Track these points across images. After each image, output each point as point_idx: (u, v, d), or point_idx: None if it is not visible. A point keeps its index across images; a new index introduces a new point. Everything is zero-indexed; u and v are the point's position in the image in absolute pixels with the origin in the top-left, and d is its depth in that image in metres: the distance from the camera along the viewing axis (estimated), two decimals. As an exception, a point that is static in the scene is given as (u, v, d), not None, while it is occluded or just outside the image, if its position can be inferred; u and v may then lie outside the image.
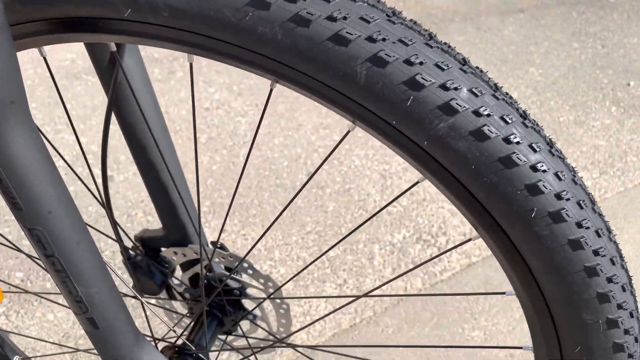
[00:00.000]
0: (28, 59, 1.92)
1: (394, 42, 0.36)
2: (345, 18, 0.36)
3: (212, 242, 0.67)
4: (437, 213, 1.55)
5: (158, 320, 1.19)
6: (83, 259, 0.48)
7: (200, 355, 0.62)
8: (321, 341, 1.20)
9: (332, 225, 1.48)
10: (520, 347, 0.51)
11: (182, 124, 1.80)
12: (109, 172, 1.55)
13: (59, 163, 1.38)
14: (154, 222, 1.45)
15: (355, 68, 0.37)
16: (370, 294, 0.54)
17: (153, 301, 0.70)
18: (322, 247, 1.42)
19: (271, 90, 0.46)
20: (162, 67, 2.05)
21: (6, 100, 0.40)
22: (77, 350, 0.78)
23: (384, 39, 0.36)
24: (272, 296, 0.61)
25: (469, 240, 0.47)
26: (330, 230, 1.47)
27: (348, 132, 0.44)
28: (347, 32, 0.36)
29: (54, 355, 1.10)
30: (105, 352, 0.54)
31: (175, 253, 0.65)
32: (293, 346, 0.66)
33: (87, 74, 1.88)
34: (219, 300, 0.65)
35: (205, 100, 1.88)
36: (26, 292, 0.72)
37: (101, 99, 1.81)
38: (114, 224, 0.62)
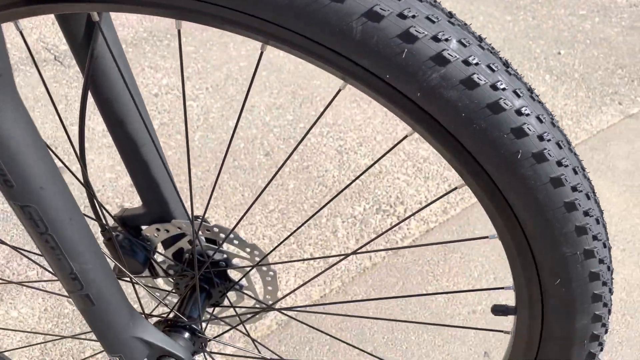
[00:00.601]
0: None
1: (386, -2, 0.38)
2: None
3: (196, 217, 0.67)
4: (393, 184, 1.59)
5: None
6: (76, 234, 0.48)
7: (193, 326, 0.62)
8: (293, 313, 1.22)
9: (294, 202, 1.50)
10: (502, 288, 0.55)
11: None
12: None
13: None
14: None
15: (351, 24, 0.38)
16: (358, 251, 0.56)
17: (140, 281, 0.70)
18: (286, 224, 1.44)
19: (261, 53, 0.46)
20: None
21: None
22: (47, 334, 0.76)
23: None
24: (259, 264, 0.63)
25: (455, 189, 0.50)
26: (292, 207, 1.48)
27: (339, 90, 0.46)
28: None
29: (26, 348, 1.07)
30: (101, 329, 0.53)
31: (158, 230, 0.65)
32: (285, 310, 0.67)
33: (25, 64, 1.78)
34: (206, 273, 0.65)
35: (154, 86, 1.83)
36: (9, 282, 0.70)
37: (42, 90, 1.73)
38: (95, 203, 0.61)
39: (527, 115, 0.41)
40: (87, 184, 0.59)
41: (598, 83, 2.21)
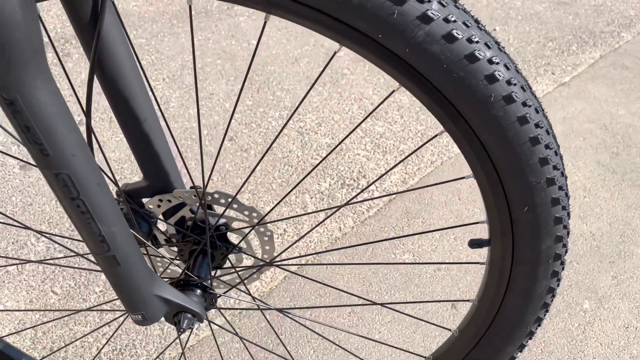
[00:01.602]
0: None
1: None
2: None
3: (191, 187, 0.72)
4: (354, 160, 1.68)
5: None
6: (103, 199, 0.52)
7: (204, 283, 0.67)
8: (275, 283, 1.28)
9: (263, 183, 1.55)
10: (477, 222, 0.63)
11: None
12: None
13: None
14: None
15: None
16: (350, 202, 0.62)
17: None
18: (257, 203, 1.49)
19: (265, 24, 0.52)
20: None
21: (30, 49, 0.43)
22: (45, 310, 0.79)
23: None
24: (259, 224, 0.68)
25: (436, 135, 0.57)
26: (262, 187, 1.54)
27: (335, 53, 0.52)
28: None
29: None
30: (125, 288, 0.58)
31: (161, 200, 0.69)
32: (283, 265, 0.73)
33: None
34: (203, 235, 0.71)
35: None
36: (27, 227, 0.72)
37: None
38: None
39: (497, 63, 0.49)
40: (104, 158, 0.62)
41: (532, 56, 2.37)
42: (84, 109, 0.59)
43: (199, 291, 0.68)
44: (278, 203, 0.66)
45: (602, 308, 1.31)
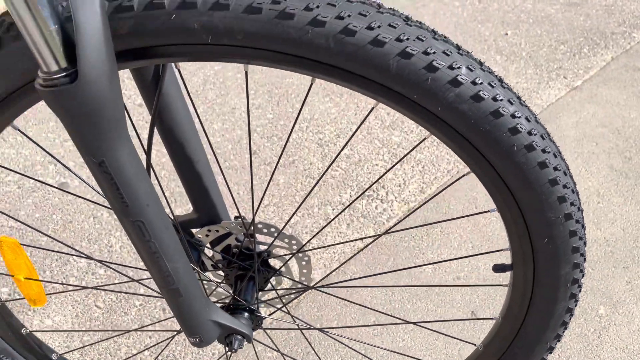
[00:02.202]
0: None
1: (414, 40, 0.51)
2: (379, 27, 0.50)
3: (235, 217, 0.79)
4: (373, 170, 1.74)
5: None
6: (170, 239, 0.59)
7: (252, 307, 0.74)
8: (328, 290, 1.35)
9: (287, 196, 1.62)
10: (502, 250, 0.69)
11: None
12: (62, 180, 1.55)
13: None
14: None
15: (389, 61, 0.51)
16: (389, 231, 0.69)
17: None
18: (282, 216, 1.56)
19: (310, 86, 0.58)
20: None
21: (114, 119, 0.50)
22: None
23: (407, 39, 0.51)
24: (298, 252, 0.75)
25: (464, 175, 0.63)
26: (285, 200, 1.60)
27: (372, 108, 0.58)
28: (382, 37, 0.50)
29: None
30: (186, 315, 0.65)
31: (209, 231, 0.76)
32: (323, 288, 0.80)
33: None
34: (251, 263, 0.77)
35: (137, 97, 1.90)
36: (84, 287, 0.79)
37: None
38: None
39: (519, 117, 0.55)
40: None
41: (544, 60, 2.41)
42: (146, 151, 0.66)
43: (246, 314, 0.75)
44: (316, 234, 0.72)
45: (617, 313, 1.37)
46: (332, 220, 0.75)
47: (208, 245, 0.79)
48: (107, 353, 1.18)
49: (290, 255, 0.77)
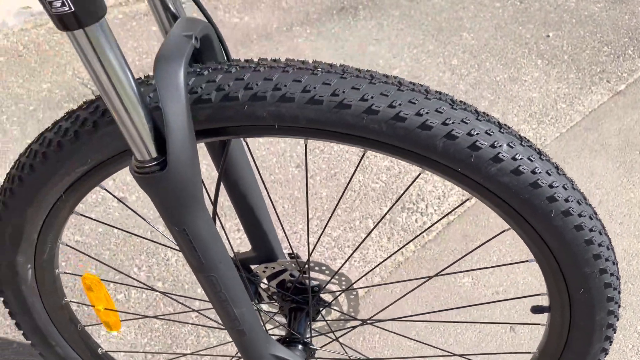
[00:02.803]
0: None
1: (459, 123, 0.56)
2: (427, 113, 0.56)
3: (289, 254, 0.86)
4: (413, 183, 1.79)
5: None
6: (237, 289, 0.67)
7: (306, 341, 0.82)
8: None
9: (329, 209, 1.69)
10: (539, 294, 0.74)
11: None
12: (121, 194, 1.66)
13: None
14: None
15: (436, 142, 0.56)
16: (440, 273, 0.75)
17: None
18: (326, 230, 1.63)
19: (362, 157, 0.64)
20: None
21: (194, 194, 0.57)
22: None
23: (452, 122, 0.56)
24: (349, 288, 0.82)
25: (504, 231, 0.68)
26: (328, 213, 1.67)
27: (419, 174, 0.64)
28: (429, 122, 0.56)
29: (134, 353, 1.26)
30: (249, 352, 0.73)
31: (266, 267, 0.84)
32: (374, 322, 0.86)
33: (68, 102, 1.94)
34: (304, 297, 0.84)
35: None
36: (145, 316, 0.89)
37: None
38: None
39: (557, 187, 0.60)
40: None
41: (587, 63, 2.39)
42: (213, 201, 0.74)
43: (300, 346, 0.82)
44: (365, 274, 0.79)
45: (655, 331, 1.39)
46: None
47: (264, 280, 0.87)
48: (167, 362, 1.28)
49: (340, 292, 0.84)
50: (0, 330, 1.30)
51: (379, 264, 1.08)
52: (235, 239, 1.57)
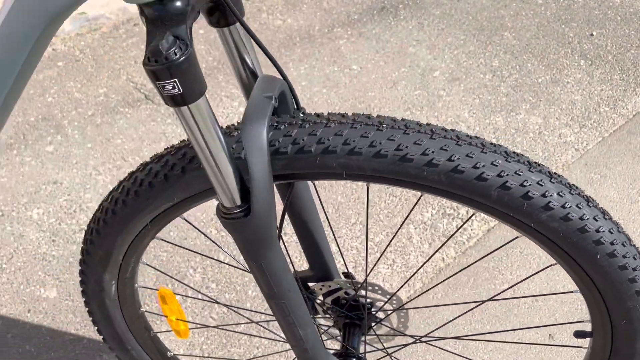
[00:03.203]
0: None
1: (512, 175, 0.61)
2: (483, 166, 0.61)
3: (343, 273, 0.93)
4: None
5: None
6: (303, 313, 0.74)
7: (360, 356, 0.89)
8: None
9: (371, 214, 1.75)
10: (583, 321, 0.79)
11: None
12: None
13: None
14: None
15: (491, 192, 0.62)
16: (494, 298, 0.82)
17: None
18: (369, 235, 1.69)
19: (418, 200, 0.70)
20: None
21: (270, 234, 0.64)
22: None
23: (507, 174, 0.61)
24: (405, 306, 0.88)
25: (550, 266, 0.74)
26: (370, 219, 1.74)
27: (472, 215, 0.70)
28: (485, 175, 0.61)
29: None
30: (312, 366, 0.81)
31: (323, 285, 0.91)
32: (427, 341, 0.92)
33: (124, 106, 2.04)
34: (358, 313, 0.92)
35: (234, 115, 2.08)
36: (206, 326, 0.97)
37: (144, 129, 1.98)
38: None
39: (603, 231, 0.65)
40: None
41: (631, 63, 2.36)
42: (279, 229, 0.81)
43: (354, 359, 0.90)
44: (416, 297, 0.85)
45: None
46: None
47: (320, 297, 0.94)
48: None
49: (392, 311, 0.90)
50: (71, 327, 1.42)
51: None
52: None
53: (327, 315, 0.95)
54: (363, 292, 0.92)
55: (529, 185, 0.61)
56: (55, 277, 1.50)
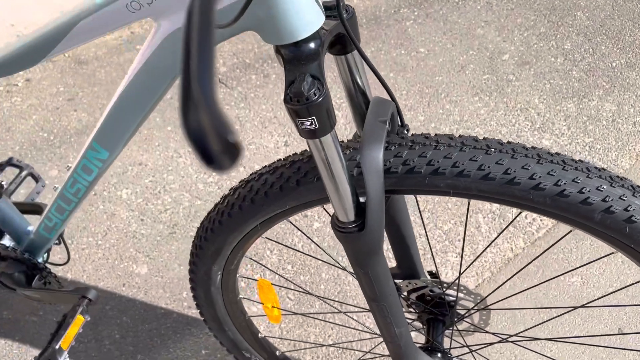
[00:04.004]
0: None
1: (617, 200, 0.64)
2: (589, 191, 0.64)
3: (429, 272, 0.99)
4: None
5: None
6: (400, 314, 0.80)
7: (445, 350, 0.95)
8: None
9: (440, 202, 1.78)
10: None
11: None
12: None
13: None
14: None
15: (594, 215, 0.65)
16: (588, 304, 0.86)
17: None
18: (436, 222, 1.73)
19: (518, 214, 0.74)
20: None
21: (380, 245, 0.70)
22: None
23: (611, 199, 0.64)
24: (490, 306, 0.93)
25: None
26: (439, 207, 1.77)
27: (569, 232, 0.73)
28: (590, 199, 0.64)
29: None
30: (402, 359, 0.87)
31: (409, 282, 0.97)
32: (519, 341, 0.97)
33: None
34: (441, 310, 0.97)
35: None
36: (294, 313, 1.06)
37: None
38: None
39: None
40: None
41: None
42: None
43: (439, 354, 0.96)
44: (506, 297, 0.89)
45: None
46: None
47: (405, 293, 1.00)
48: (300, 339, 1.47)
49: (476, 310, 0.95)
50: (162, 301, 1.54)
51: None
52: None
53: (411, 310, 1.01)
54: (448, 292, 0.97)
55: (633, 210, 0.64)
56: (146, 254, 1.63)
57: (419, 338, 1.09)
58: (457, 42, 2.35)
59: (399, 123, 0.75)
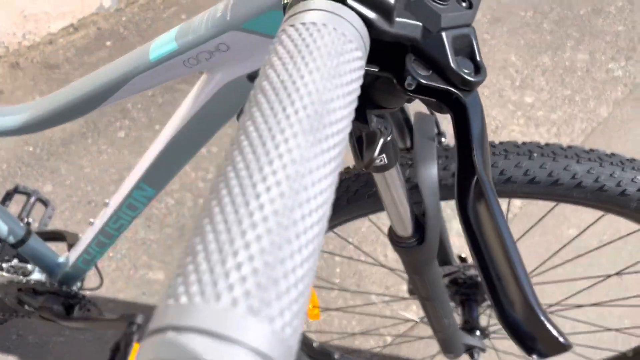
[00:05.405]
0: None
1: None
2: (625, 183, 0.70)
3: (458, 256, 1.04)
4: (510, 136, 1.89)
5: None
6: (448, 309, 0.86)
7: (482, 328, 1.02)
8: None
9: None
10: None
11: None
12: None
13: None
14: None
15: (630, 203, 0.70)
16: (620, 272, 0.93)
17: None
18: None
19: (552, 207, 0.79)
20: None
21: (431, 257, 0.74)
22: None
23: None
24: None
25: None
26: (437, 176, 1.83)
27: (602, 216, 0.79)
28: (627, 192, 0.70)
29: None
30: (449, 344, 0.93)
31: (443, 269, 1.03)
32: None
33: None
34: (475, 291, 1.04)
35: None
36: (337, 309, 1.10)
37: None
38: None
39: None
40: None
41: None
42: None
43: (478, 332, 1.03)
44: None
45: None
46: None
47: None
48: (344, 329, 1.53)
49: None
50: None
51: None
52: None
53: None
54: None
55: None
56: (160, 260, 1.64)
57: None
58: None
59: (436, 131, 0.78)
